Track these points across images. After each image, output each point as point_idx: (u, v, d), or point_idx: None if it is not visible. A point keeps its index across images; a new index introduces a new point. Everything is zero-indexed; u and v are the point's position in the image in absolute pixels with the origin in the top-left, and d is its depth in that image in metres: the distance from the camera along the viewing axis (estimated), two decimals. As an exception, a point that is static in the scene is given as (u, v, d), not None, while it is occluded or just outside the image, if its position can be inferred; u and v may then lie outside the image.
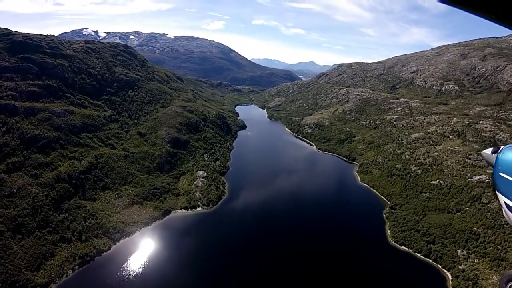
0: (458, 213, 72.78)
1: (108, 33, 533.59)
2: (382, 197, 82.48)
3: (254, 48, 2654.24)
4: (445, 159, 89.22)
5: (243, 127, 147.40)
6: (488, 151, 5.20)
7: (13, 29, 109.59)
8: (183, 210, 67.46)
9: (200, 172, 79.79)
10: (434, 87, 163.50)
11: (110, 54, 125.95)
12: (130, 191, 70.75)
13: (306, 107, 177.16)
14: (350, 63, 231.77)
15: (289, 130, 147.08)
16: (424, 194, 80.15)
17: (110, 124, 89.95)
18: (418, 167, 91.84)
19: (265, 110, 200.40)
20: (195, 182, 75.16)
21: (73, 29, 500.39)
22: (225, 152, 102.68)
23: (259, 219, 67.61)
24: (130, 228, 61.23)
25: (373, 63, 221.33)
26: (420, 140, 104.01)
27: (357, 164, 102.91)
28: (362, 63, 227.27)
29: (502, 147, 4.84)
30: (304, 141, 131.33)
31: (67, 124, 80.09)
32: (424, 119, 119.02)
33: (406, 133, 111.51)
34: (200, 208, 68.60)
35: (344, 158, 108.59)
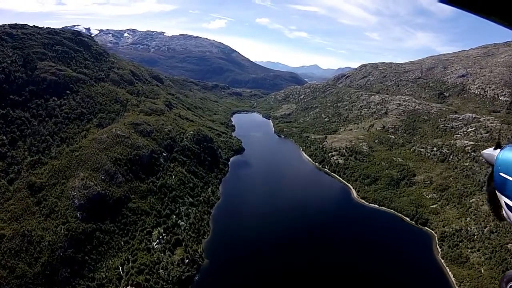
0: None
1: (101, 31, 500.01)
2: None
3: (256, 51, 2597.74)
4: None
5: (239, 150, 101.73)
6: (489, 150, 4.89)
7: None
8: None
9: (132, 295, 35.73)
10: (500, 98, 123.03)
11: (41, 42, 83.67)
12: None
13: (327, 119, 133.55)
14: (375, 63, 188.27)
15: (307, 157, 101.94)
16: None
17: (-17, 165, 47.33)
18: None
19: (270, 121, 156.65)
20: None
21: (63, 26, 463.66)
22: (200, 216, 55.97)
23: None
24: None
25: (405, 63, 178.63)
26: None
27: (434, 233, 58.83)
28: (391, 63, 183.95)
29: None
30: (334, 177, 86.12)
31: None
32: (524, 148, 75.50)
33: (505, 174, 68.03)
34: None
35: (408, 219, 63.94)
